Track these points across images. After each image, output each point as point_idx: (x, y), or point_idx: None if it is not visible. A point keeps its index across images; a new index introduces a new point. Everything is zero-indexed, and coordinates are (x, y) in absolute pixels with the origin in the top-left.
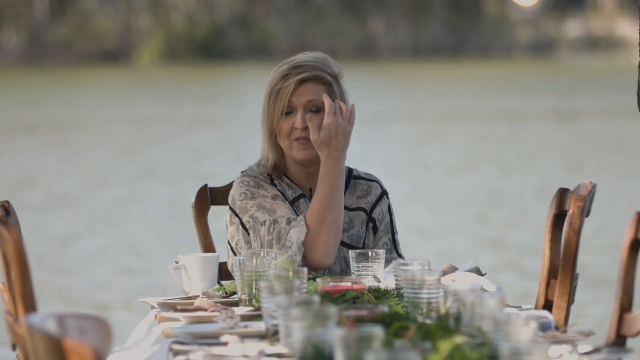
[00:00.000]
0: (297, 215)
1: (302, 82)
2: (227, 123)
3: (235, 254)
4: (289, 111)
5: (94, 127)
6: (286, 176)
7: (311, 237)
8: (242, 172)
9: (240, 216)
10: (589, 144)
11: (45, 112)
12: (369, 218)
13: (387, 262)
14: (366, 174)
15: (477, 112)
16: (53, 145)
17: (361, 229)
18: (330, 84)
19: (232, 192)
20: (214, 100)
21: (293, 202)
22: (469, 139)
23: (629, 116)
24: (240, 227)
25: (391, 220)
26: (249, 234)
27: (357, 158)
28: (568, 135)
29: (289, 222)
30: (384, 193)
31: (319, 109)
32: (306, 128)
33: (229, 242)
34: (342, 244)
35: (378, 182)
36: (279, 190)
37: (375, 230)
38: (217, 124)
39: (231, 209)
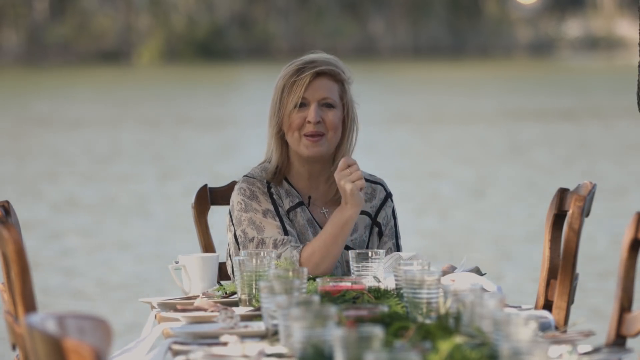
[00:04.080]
0: (286, 233)
1: (317, 75)
2: (227, 123)
3: (231, 262)
4: (302, 105)
5: (94, 127)
6: (287, 180)
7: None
8: (244, 175)
9: (235, 227)
10: (588, 144)
11: (45, 112)
12: (373, 222)
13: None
14: (370, 175)
15: (477, 112)
16: (52, 145)
17: (364, 233)
18: (343, 83)
19: (232, 196)
20: (214, 101)
21: (289, 211)
22: (469, 139)
23: (629, 116)
24: (234, 238)
25: (395, 225)
26: (239, 248)
27: (357, 159)
28: (567, 136)
29: (275, 245)
30: (388, 195)
31: (331, 105)
32: (318, 122)
33: (228, 245)
34: (345, 247)
35: (382, 184)
36: (273, 201)
37: (380, 234)
38: (216, 124)
39: (230, 214)
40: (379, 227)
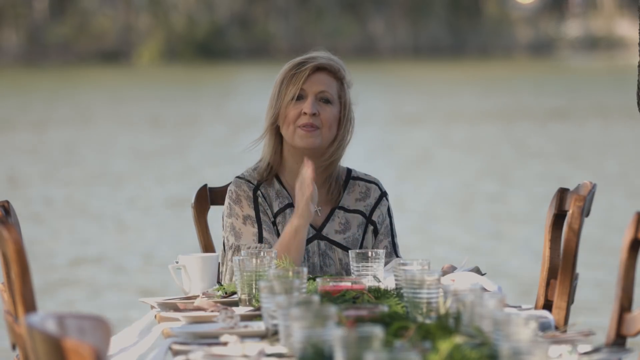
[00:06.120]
0: (260, 240)
1: (317, 69)
2: (227, 123)
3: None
4: (300, 97)
5: (94, 127)
6: (279, 180)
7: None
8: (235, 176)
9: (223, 232)
10: (588, 144)
11: (44, 112)
12: (368, 221)
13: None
14: (365, 175)
15: (477, 112)
16: (52, 144)
17: (358, 232)
18: (342, 81)
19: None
20: (214, 101)
21: (278, 214)
22: (468, 139)
23: (629, 116)
24: (223, 243)
25: (391, 223)
26: (224, 252)
27: (356, 159)
28: (567, 135)
29: None
30: (383, 195)
31: (328, 101)
32: (314, 115)
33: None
34: (338, 245)
35: (377, 183)
36: (256, 206)
37: (375, 233)
38: (216, 124)
39: (222, 217)
40: (374, 226)
